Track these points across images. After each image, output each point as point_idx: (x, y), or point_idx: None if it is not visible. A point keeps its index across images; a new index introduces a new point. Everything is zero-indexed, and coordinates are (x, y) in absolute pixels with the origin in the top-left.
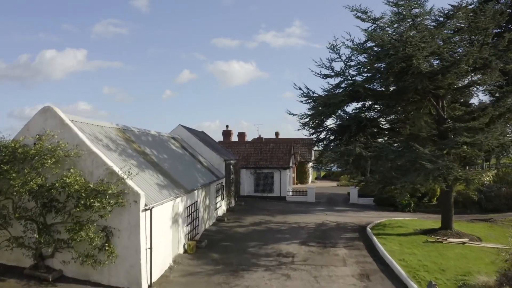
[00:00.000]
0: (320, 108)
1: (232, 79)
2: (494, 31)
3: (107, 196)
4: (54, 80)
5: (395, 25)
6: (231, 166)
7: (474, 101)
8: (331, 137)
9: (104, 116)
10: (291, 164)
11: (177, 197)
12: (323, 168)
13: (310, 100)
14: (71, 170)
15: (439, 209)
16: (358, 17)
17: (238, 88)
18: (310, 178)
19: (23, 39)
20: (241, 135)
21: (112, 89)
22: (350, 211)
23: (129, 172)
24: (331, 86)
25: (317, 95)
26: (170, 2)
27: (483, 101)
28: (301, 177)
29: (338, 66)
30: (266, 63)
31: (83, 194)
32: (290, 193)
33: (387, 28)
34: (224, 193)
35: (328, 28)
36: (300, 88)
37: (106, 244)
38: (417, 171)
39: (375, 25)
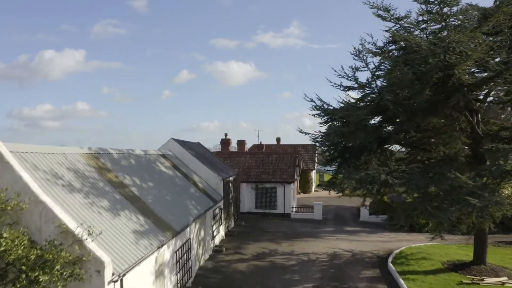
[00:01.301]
0: (336, 123)
1: (231, 79)
2: None
3: (57, 267)
4: (53, 80)
5: (422, 26)
6: (230, 184)
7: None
8: (347, 155)
9: (103, 116)
10: (295, 177)
11: (162, 245)
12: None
13: (323, 114)
14: (5, 235)
15: (460, 230)
16: (379, 15)
17: (237, 88)
18: (313, 187)
19: (22, 39)
20: (241, 143)
21: (111, 89)
22: (363, 233)
23: (89, 231)
24: (353, 100)
25: (332, 108)
26: (168, 2)
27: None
28: (304, 186)
29: (362, 75)
30: (265, 64)
31: (23, 267)
32: (294, 209)
33: (411, 29)
34: (223, 216)
35: (326, 28)
36: (312, 100)
37: None
38: (456, 204)
39: (398, 25)
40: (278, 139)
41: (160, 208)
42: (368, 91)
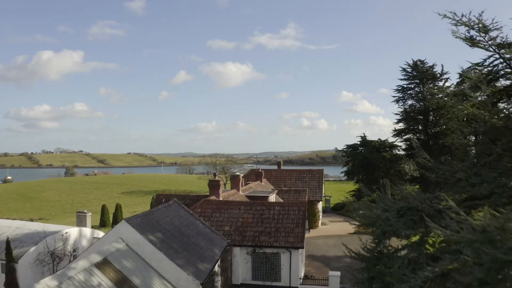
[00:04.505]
0: None
1: (229, 80)
2: None
3: None
4: (51, 81)
5: None
6: (216, 276)
7: None
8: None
9: (100, 116)
10: (305, 232)
11: None
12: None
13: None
14: None
15: None
16: (466, 39)
17: (234, 89)
18: (320, 221)
19: (19, 40)
20: (235, 179)
21: (109, 90)
22: None
23: None
24: None
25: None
26: (165, 4)
27: None
28: (310, 220)
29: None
30: (262, 65)
31: None
32: (302, 280)
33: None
34: None
35: (323, 30)
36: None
37: None
38: None
39: (496, 54)
40: (279, 164)
41: None
42: None
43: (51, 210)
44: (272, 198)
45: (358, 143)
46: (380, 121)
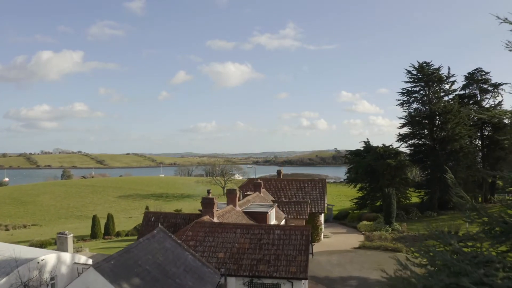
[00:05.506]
0: None
1: (228, 80)
2: None
3: None
4: (51, 81)
5: None
6: None
7: None
8: None
9: (100, 116)
10: (309, 254)
11: None
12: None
13: None
14: None
15: None
16: None
17: (234, 89)
18: (322, 234)
19: (19, 40)
20: (231, 193)
21: (108, 90)
22: None
23: None
24: None
25: None
26: (165, 4)
27: None
28: (312, 233)
29: None
30: (261, 65)
31: None
32: None
33: None
34: None
35: (322, 30)
36: None
37: None
38: None
39: None
40: (279, 172)
41: None
42: None
43: (45, 215)
44: (272, 213)
45: (362, 148)
46: (380, 121)
